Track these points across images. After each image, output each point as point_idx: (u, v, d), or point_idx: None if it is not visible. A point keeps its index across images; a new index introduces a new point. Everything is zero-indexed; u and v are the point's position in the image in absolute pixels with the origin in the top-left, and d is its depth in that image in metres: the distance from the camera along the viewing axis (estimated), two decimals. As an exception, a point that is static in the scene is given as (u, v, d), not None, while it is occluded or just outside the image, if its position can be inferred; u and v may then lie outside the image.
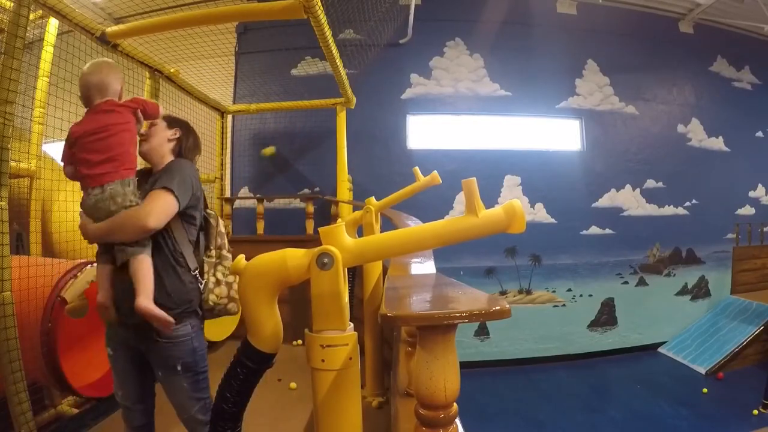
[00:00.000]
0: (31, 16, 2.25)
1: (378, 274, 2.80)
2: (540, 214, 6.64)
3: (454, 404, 0.87)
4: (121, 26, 2.91)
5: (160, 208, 1.43)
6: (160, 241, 1.50)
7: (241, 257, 1.07)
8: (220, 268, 1.64)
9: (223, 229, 1.74)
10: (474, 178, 0.92)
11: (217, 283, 1.61)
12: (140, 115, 1.55)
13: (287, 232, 5.79)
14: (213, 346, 3.91)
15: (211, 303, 1.59)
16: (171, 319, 1.42)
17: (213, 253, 1.65)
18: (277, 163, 6.49)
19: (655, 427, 4.73)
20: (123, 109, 1.51)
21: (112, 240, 1.43)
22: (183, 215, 1.54)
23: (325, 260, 0.96)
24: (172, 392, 1.55)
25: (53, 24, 3.22)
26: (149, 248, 1.46)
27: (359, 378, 1.05)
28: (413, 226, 1.06)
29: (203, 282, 1.58)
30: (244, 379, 1.07)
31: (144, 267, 1.42)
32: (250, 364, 1.06)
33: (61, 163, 1.55)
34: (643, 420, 4.84)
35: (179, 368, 1.50)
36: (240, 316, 1.46)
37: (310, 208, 5.33)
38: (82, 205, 1.47)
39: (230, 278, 1.64)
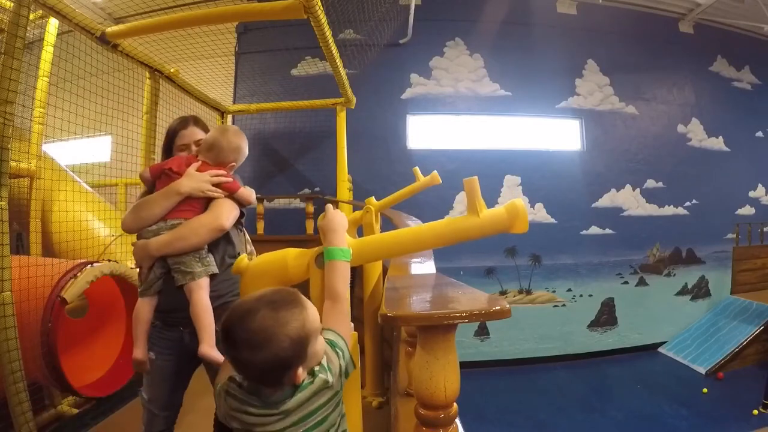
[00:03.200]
0: (31, 16, 2.25)
1: (378, 274, 2.80)
2: (540, 214, 6.64)
3: (454, 404, 0.87)
4: (121, 26, 2.91)
5: (228, 211, 1.50)
6: (221, 243, 1.55)
7: (244, 257, 1.07)
8: None
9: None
10: (476, 177, 0.91)
11: None
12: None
13: (287, 232, 5.79)
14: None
15: None
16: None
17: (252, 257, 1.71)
18: (277, 162, 6.49)
19: (655, 427, 4.73)
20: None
21: (180, 248, 1.42)
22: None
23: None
24: None
25: (53, 24, 3.21)
26: (211, 271, 1.47)
27: (359, 378, 1.05)
28: (413, 226, 1.05)
29: None
30: None
31: (205, 300, 1.43)
32: None
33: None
34: (643, 420, 4.84)
35: None
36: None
37: (310, 208, 5.33)
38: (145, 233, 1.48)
39: None
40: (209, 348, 1.40)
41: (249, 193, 1.59)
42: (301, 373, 0.78)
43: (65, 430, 2.61)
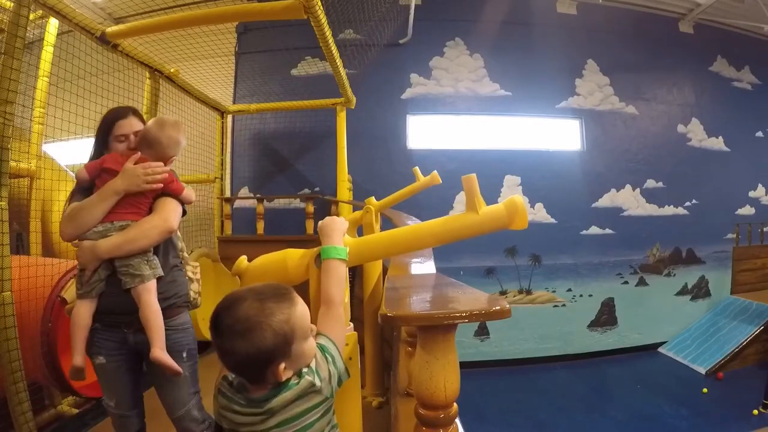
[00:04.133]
0: (31, 16, 2.25)
1: (378, 274, 2.80)
2: (540, 214, 6.64)
3: (454, 404, 0.87)
4: (121, 26, 2.91)
5: (175, 211, 1.53)
6: (168, 243, 1.58)
7: (243, 258, 1.07)
8: (188, 266, 1.74)
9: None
10: (474, 174, 0.90)
11: (190, 279, 1.72)
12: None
13: (287, 232, 5.79)
14: (211, 345, 3.90)
15: (191, 296, 1.69)
16: (179, 368, 1.45)
17: (183, 253, 1.72)
18: (277, 162, 6.49)
19: (655, 427, 4.73)
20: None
21: (130, 251, 1.42)
22: None
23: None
24: (172, 386, 1.54)
25: (53, 24, 3.22)
26: (158, 274, 1.48)
27: (359, 378, 1.05)
28: (412, 225, 1.05)
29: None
30: None
31: (154, 303, 1.43)
32: None
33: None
34: (643, 420, 4.84)
35: (185, 355, 1.54)
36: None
37: (310, 208, 5.33)
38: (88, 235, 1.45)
39: (198, 275, 1.77)
40: (161, 351, 1.40)
41: (191, 192, 1.61)
42: (284, 370, 0.77)
43: (65, 430, 2.61)
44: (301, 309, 0.81)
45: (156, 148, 1.52)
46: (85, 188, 1.52)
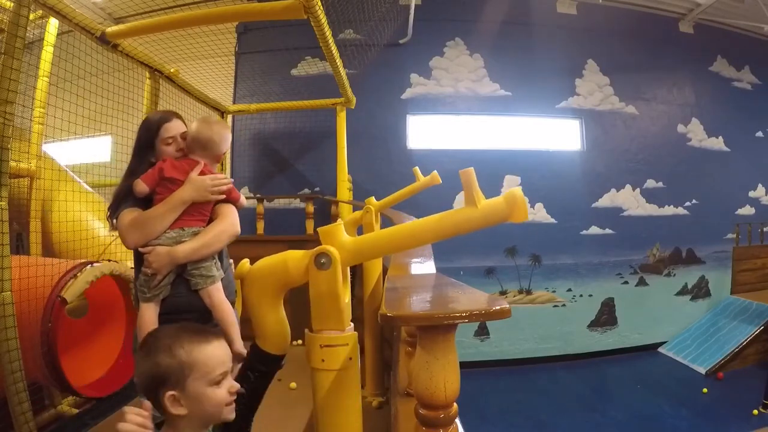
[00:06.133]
0: (31, 16, 2.25)
1: (378, 274, 2.80)
2: (540, 214, 6.64)
3: (454, 404, 0.87)
4: (121, 26, 2.91)
5: (237, 217, 1.60)
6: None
7: (245, 262, 1.07)
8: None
9: None
10: (472, 168, 0.90)
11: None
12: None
13: (287, 232, 5.79)
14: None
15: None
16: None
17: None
18: (277, 162, 6.49)
19: (655, 427, 4.73)
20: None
21: (204, 255, 1.48)
22: None
23: (323, 260, 0.96)
24: None
25: (53, 24, 3.21)
26: (222, 274, 1.53)
27: (359, 378, 1.05)
28: (411, 221, 1.05)
29: None
30: (256, 383, 1.07)
31: (227, 302, 1.49)
32: (261, 368, 1.07)
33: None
34: (643, 420, 4.84)
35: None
36: (240, 314, 1.47)
37: (310, 208, 5.33)
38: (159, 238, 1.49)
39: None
40: (242, 347, 1.45)
41: (244, 199, 1.71)
42: (173, 402, 0.77)
43: (65, 430, 2.61)
44: (213, 350, 0.80)
45: (211, 148, 1.56)
46: (146, 198, 1.55)
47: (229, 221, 1.55)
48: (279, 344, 1.08)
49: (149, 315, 1.45)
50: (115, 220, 1.52)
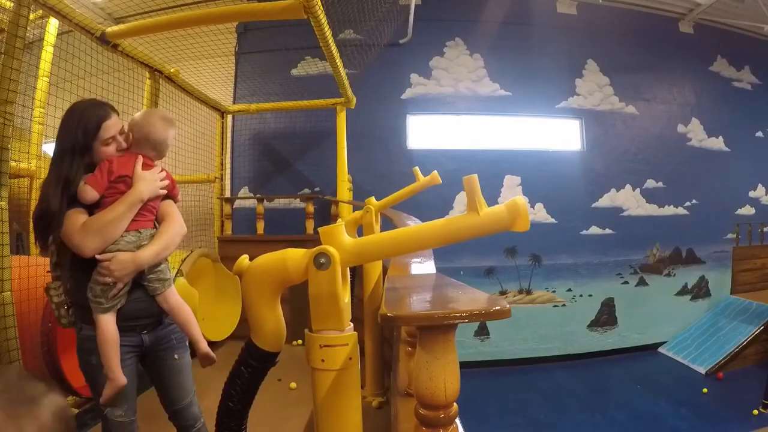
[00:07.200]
0: (31, 16, 2.25)
1: (378, 274, 2.80)
2: (540, 214, 6.64)
3: (454, 404, 0.87)
4: (121, 26, 2.91)
5: (180, 215, 1.56)
6: None
7: (244, 257, 1.06)
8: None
9: None
10: (475, 175, 0.90)
11: None
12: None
13: (287, 232, 5.78)
14: (213, 345, 3.90)
15: None
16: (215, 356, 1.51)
17: None
18: (277, 162, 6.49)
19: (655, 427, 4.73)
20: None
21: (163, 257, 1.46)
22: None
23: (322, 260, 0.96)
24: (183, 377, 1.58)
25: (53, 24, 3.22)
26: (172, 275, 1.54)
27: (359, 378, 1.05)
28: (413, 226, 1.05)
29: None
30: (249, 378, 1.08)
31: (184, 303, 1.49)
32: (254, 363, 1.07)
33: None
34: (643, 420, 4.84)
35: (187, 343, 1.60)
36: (240, 314, 1.47)
37: (310, 208, 5.33)
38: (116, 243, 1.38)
39: None
40: (206, 345, 1.47)
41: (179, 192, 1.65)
42: None
43: (65, 430, 2.60)
44: None
45: (162, 149, 1.51)
46: (95, 204, 1.42)
47: (179, 221, 1.50)
48: (275, 342, 1.08)
49: (111, 326, 1.36)
50: (48, 241, 1.36)
